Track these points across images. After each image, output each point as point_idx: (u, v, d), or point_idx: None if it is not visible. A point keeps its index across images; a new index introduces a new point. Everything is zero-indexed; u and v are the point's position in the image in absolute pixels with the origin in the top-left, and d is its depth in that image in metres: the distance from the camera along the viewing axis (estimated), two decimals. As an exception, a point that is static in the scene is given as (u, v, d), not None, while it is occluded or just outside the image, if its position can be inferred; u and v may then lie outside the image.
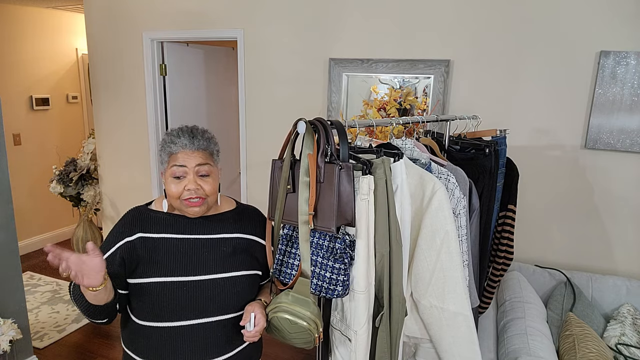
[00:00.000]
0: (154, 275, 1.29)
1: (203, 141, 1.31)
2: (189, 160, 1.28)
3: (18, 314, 2.51)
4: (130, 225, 1.34)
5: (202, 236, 1.36)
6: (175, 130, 1.33)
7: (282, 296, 1.28)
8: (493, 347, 1.95)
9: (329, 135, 1.21)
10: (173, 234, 1.34)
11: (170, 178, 1.29)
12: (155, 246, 1.31)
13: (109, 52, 3.55)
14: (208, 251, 1.35)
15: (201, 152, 1.30)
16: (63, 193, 3.84)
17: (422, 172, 1.40)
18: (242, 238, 1.41)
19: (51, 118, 4.61)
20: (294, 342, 1.29)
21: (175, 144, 1.29)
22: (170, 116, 3.55)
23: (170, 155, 1.30)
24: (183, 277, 1.30)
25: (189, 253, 1.32)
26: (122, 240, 1.32)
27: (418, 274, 1.41)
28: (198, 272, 1.32)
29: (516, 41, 2.48)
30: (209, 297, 1.31)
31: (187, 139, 1.29)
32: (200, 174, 1.29)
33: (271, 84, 3.08)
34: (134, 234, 1.32)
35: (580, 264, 2.57)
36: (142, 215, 1.36)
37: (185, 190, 1.28)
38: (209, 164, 1.31)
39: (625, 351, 2.05)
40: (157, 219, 1.35)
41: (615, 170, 2.42)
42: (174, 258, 1.31)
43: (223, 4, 3.10)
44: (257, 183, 3.27)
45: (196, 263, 1.32)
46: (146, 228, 1.33)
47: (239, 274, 1.37)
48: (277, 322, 1.27)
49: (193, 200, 1.28)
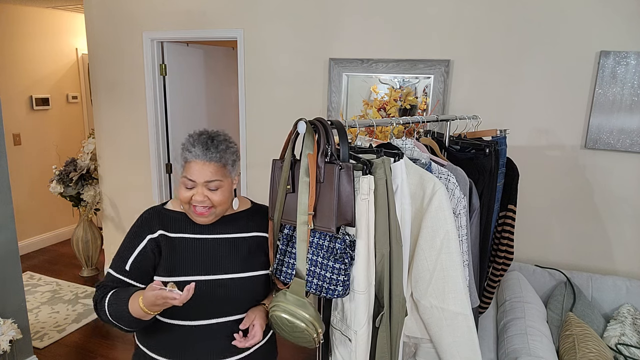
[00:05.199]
0: (174, 273, 1.31)
1: (217, 153, 1.29)
2: (199, 174, 1.27)
3: (18, 314, 2.51)
4: (150, 223, 1.36)
5: (221, 236, 1.38)
6: (194, 137, 1.32)
7: (280, 295, 1.29)
8: (493, 347, 1.95)
9: (329, 135, 1.21)
10: (192, 234, 1.36)
11: (181, 184, 1.32)
12: (176, 245, 1.33)
13: (109, 52, 3.55)
14: (227, 251, 1.37)
15: (214, 164, 1.28)
16: (63, 193, 3.84)
17: (422, 172, 1.40)
18: (258, 236, 1.43)
19: (51, 118, 4.61)
20: (296, 340, 1.29)
21: (190, 152, 1.29)
22: (170, 116, 3.55)
23: (185, 162, 1.30)
24: (203, 276, 1.32)
25: (208, 253, 1.35)
26: (146, 238, 1.33)
27: (418, 274, 1.41)
28: (218, 272, 1.34)
29: (516, 41, 2.48)
30: (228, 296, 1.33)
31: (200, 150, 1.28)
32: (210, 188, 1.30)
33: (271, 84, 3.08)
34: (156, 232, 1.34)
35: (580, 264, 2.57)
36: (161, 214, 1.38)
37: (193, 199, 1.30)
38: (219, 179, 1.30)
39: (625, 351, 2.05)
40: (176, 219, 1.37)
41: (615, 170, 2.42)
42: (194, 257, 1.33)
43: (223, 4, 3.10)
44: (257, 183, 3.27)
45: (215, 262, 1.34)
46: (167, 227, 1.36)
47: (257, 273, 1.39)
48: (277, 320, 1.28)
49: (199, 209, 1.31)
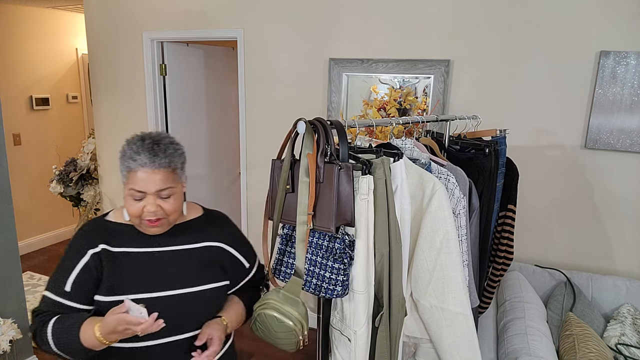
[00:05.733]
0: (116, 292, 1.19)
1: (165, 158, 1.17)
2: (148, 184, 1.15)
3: (18, 314, 2.51)
4: (92, 236, 1.23)
5: (171, 248, 1.27)
6: (135, 143, 1.17)
7: (272, 293, 1.27)
8: (493, 347, 1.94)
9: (328, 135, 1.21)
10: (138, 247, 1.24)
11: (128, 197, 1.18)
12: (118, 261, 1.22)
13: (109, 52, 3.55)
14: (178, 263, 1.26)
15: (162, 171, 1.16)
16: (63, 193, 3.84)
17: (422, 172, 1.40)
18: (210, 246, 1.32)
19: (51, 118, 4.61)
20: (277, 342, 1.27)
21: (135, 161, 1.15)
22: (170, 116, 3.55)
23: (129, 171, 1.16)
24: (150, 293, 1.21)
25: (156, 267, 1.23)
26: (88, 253, 1.21)
27: (418, 274, 1.41)
28: (167, 287, 1.22)
29: (516, 41, 2.48)
30: (182, 312, 1.23)
31: (147, 157, 1.15)
32: (161, 196, 1.19)
33: (271, 84, 3.08)
34: (97, 245, 1.22)
35: (580, 264, 2.57)
36: (103, 226, 1.26)
37: (145, 211, 1.18)
38: (170, 186, 1.19)
39: (625, 351, 2.05)
40: (119, 232, 1.25)
41: (615, 170, 2.42)
42: (139, 273, 1.22)
43: (223, 4, 3.10)
44: (257, 183, 3.26)
45: (165, 277, 1.23)
46: (109, 240, 1.23)
47: (212, 286, 1.28)
48: (264, 318, 1.26)
49: (153, 221, 1.20)
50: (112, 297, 1.19)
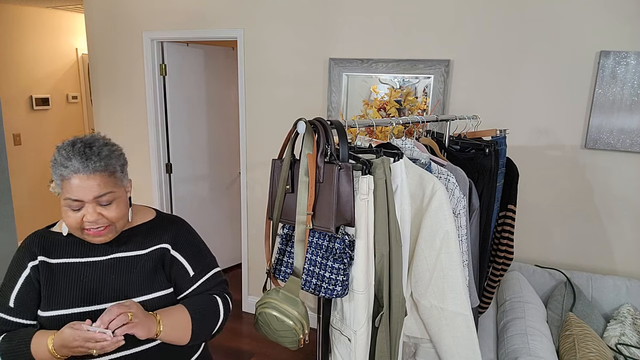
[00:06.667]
0: (55, 307, 1.12)
1: (100, 161, 1.08)
2: (84, 191, 1.07)
3: (18, 314, 2.51)
4: (31, 249, 1.17)
5: (115, 256, 1.19)
6: (66, 149, 1.08)
7: (272, 292, 1.27)
8: (493, 347, 1.94)
9: (328, 135, 1.21)
10: (79, 257, 1.17)
11: (65, 208, 1.10)
12: (57, 273, 1.15)
13: (109, 52, 3.55)
14: (124, 272, 1.18)
15: (98, 175, 1.08)
16: (63, 193, 3.84)
17: (422, 172, 1.40)
18: (155, 250, 1.23)
19: (51, 118, 4.61)
20: (279, 340, 1.28)
21: (67, 167, 1.06)
22: (170, 116, 3.56)
23: (62, 180, 1.08)
24: (89, 306, 1.13)
25: (95, 279, 1.16)
26: (28, 265, 1.15)
27: (418, 274, 1.41)
28: (105, 300, 1.15)
29: (516, 41, 2.48)
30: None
31: (79, 162, 1.06)
32: (101, 203, 1.10)
33: (271, 84, 3.08)
34: (36, 258, 1.15)
35: (580, 264, 2.57)
36: (42, 238, 1.19)
37: (84, 221, 1.10)
38: (110, 191, 1.10)
39: (625, 351, 2.05)
40: (60, 241, 1.18)
41: (615, 170, 2.42)
42: (76, 286, 1.14)
43: (223, 4, 3.10)
44: (257, 183, 3.26)
45: (109, 288, 1.16)
46: (48, 252, 1.17)
47: (154, 295, 1.19)
48: (265, 317, 1.26)
49: (95, 229, 1.11)
50: (49, 312, 1.12)
